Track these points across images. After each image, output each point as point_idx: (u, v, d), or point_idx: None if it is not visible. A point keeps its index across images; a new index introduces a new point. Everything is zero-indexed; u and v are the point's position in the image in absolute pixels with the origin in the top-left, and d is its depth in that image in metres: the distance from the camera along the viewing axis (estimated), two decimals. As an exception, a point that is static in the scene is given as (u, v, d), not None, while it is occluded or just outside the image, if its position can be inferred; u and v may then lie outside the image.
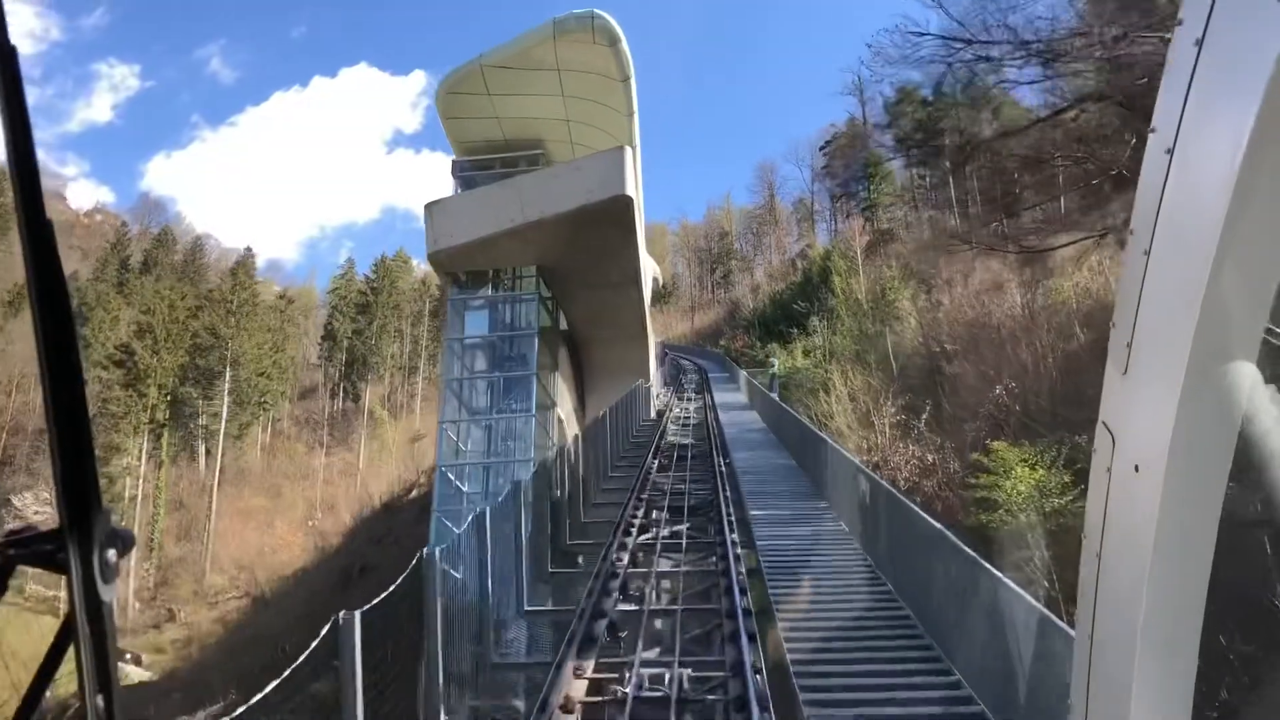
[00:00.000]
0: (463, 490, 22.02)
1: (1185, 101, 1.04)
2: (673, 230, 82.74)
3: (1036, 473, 17.07)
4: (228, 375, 61.39)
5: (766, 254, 75.72)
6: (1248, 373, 1.02)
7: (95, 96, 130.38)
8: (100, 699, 0.67)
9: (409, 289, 77.13)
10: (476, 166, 24.48)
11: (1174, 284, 1.07)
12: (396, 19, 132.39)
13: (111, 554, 0.68)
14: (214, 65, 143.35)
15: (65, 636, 0.67)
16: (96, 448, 0.69)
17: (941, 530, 6.45)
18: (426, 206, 22.28)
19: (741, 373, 36.00)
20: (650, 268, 33.87)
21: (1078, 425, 17.14)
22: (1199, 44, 1.00)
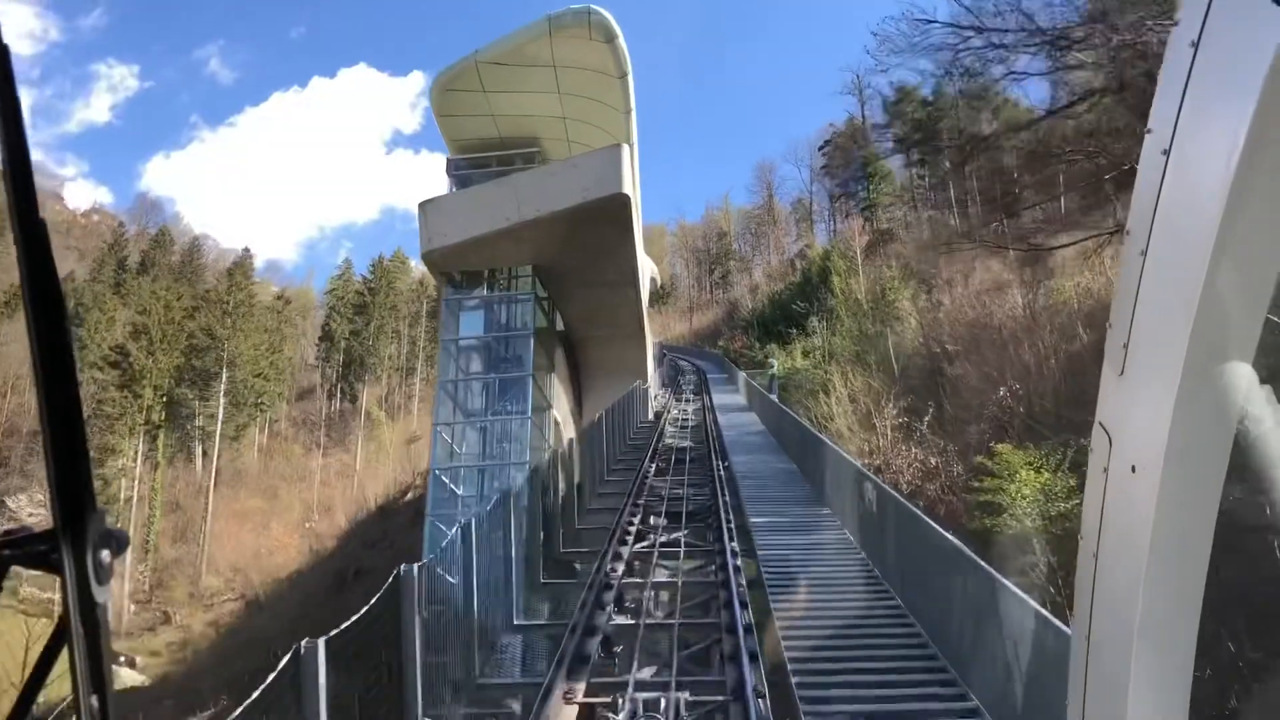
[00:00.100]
0: (457, 494, 21.67)
1: (1181, 102, 1.04)
2: (671, 231, 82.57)
3: (1041, 476, 16.71)
4: (224, 376, 61.06)
5: (765, 254, 75.48)
6: (1244, 373, 1.02)
7: (94, 97, 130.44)
8: (94, 700, 0.67)
9: (407, 290, 76.88)
10: (472, 165, 24.09)
11: (1171, 284, 1.08)
12: (395, 19, 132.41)
13: (106, 554, 0.68)
14: (213, 66, 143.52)
15: (59, 637, 0.67)
16: (91, 449, 0.69)
17: (958, 545, 6.06)
18: (421, 205, 21.92)
19: (740, 373, 35.64)
20: (648, 267, 33.54)
21: (1082, 427, 16.78)
22: (1195, 45, 1.01)
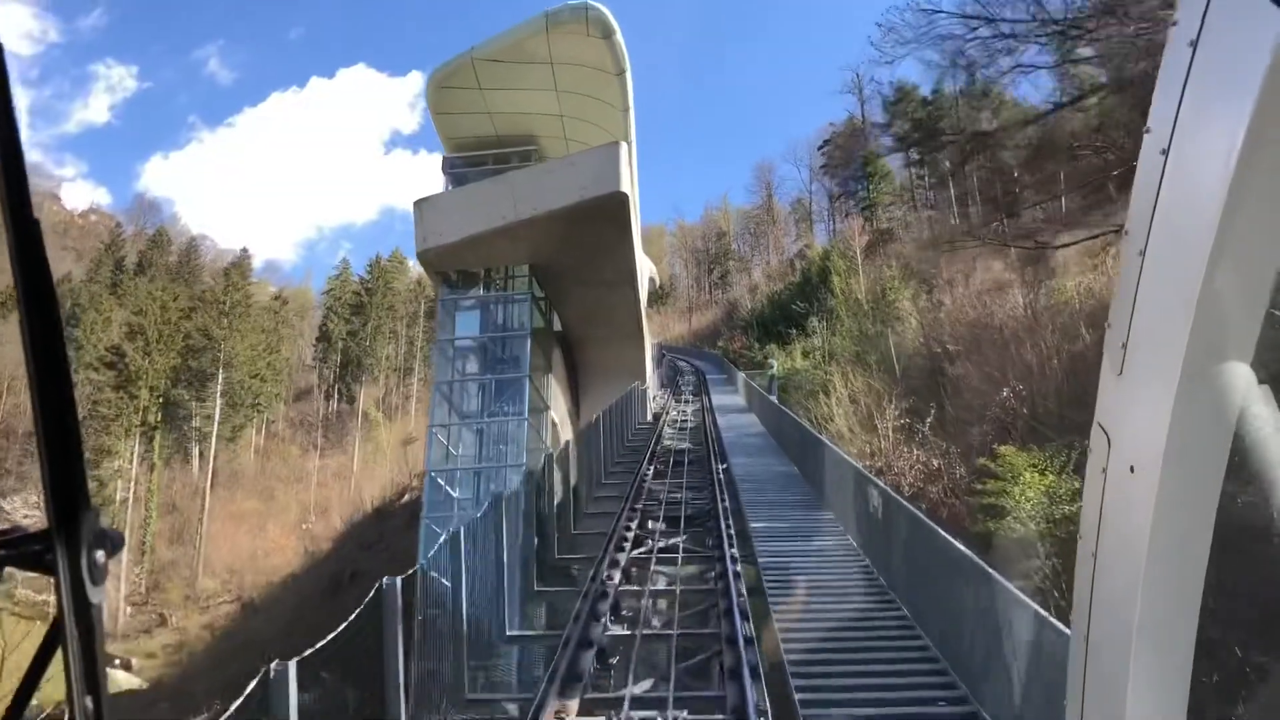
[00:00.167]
0: (453, 496, 21.41)
1: (1180, 102, 1.03)
2: (670, 231, 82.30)
3: (1046, 478, 16.45)
4: (220, 377, 60.75)
5: (764, 254, 75.23)
6: (1243, 373, 1.01)
7: (93, 98, 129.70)
8: (89, 700, 0.66)
9: (404, 290, 76.61)
10: (468, 163, 23.81)
11: (1169, 284, 1.07)
12: (394, 20, 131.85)
13: (100, 555, 0.68)
14: (212, 66, 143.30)
15: (54, 638, 0.67)
16: (87, 450, 0.74)
17: (969, 555, 5.79)
18: (416, 203, 21.64)
19: (740, 374, 35.35)
20: (647, 267, 33.28)
21: (1085, 429, 16.38)
22: (1194, 45, 0.99)
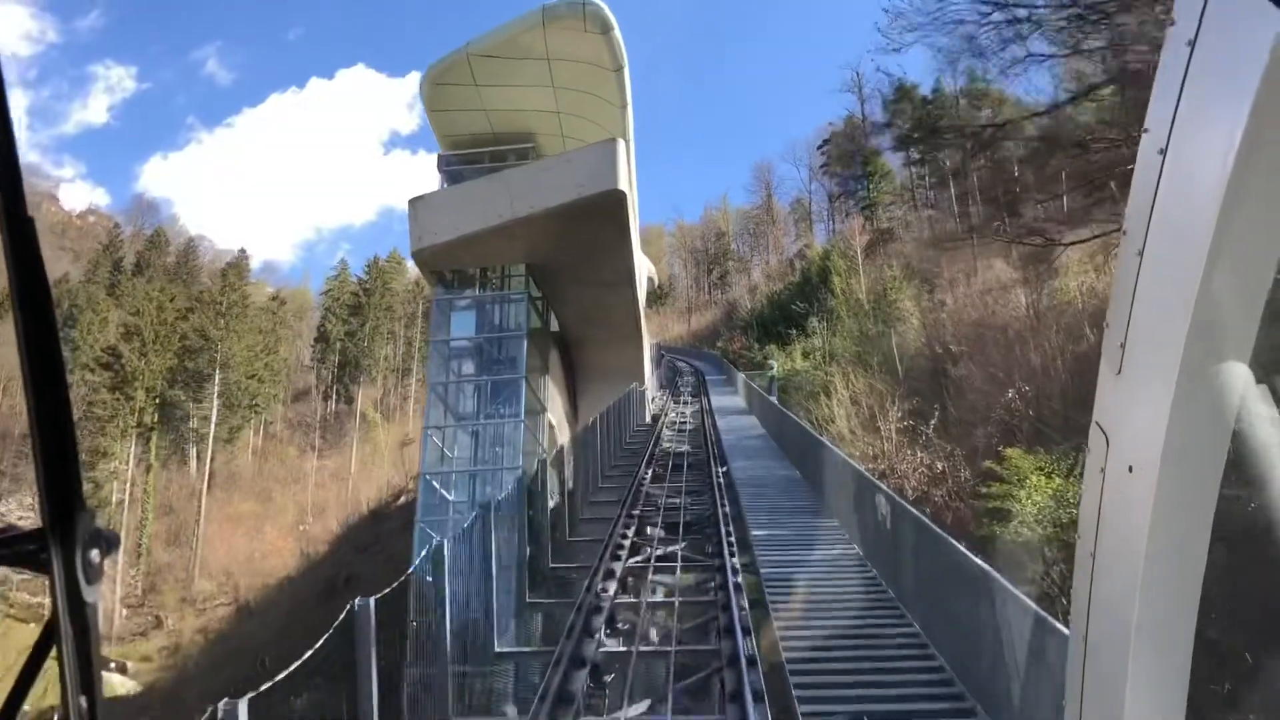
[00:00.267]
0: (449, 499, 21.05)
1: (1178, 102, 1.02)
2: (669, 231, 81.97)
3: (1053, 482, 16.10)
4: (217, 378, 60.38)
5: (764, 255, 74.89)
6: (1241, 373, 1.00)
7: (91, 98, 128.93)
8: (83, 700, 0.67)
9: (403, 290, 76.26)
10: (464, 161, 23.42)
11: (1167, 284, 1.06)
12: (394, 20, 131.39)
13: (95, 554, 0.67)
14: (210, 67, 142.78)
15: (48, 638, 0.67)
16: (82, 451, 0.70)
17: (991, 573, 5.41)
18: (410, 202, 21.24)
19: (739, 375, 34.96)
20: (645, 267, 32.92)
21: (1092, 431, 16.21)
22: (1191, 45, 0.99)
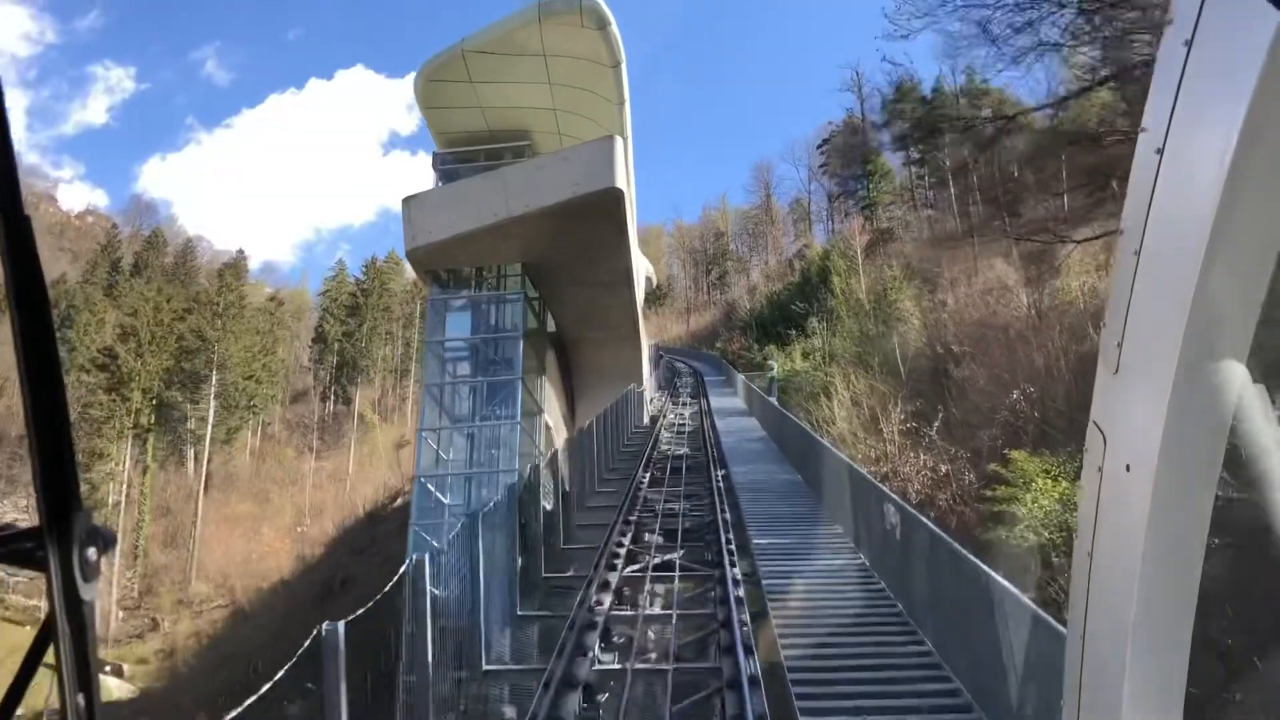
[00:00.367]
0: (444, 502, 20.70)
1: (1175, 101, 1.02)
2: (668, 231, 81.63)
3: (1059, 485, 15.76)
4: (214, 379, 60.01)
5: (763, 255, 74.54)
6: (1238, 372, 1.00)
7: (90, 99, 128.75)
8: (80, 698, 0.66)
9: (401, 291, 75.92)
10: (459, 159, 23.02)
11: (1165, 283, 1.06)
12: (393, 21, 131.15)
13: (91, 552, 0.67)
14: (209, 67, 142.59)
15: (45, 636, 0.66)
16: (79, 453, 0.70)
17: (1011, 590, 5.06)
18: (404, 200, 20.89)
19: (739, 376, 34.56)
20: (643, 266, 32.58)
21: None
22: (1189, 44, 0.99)
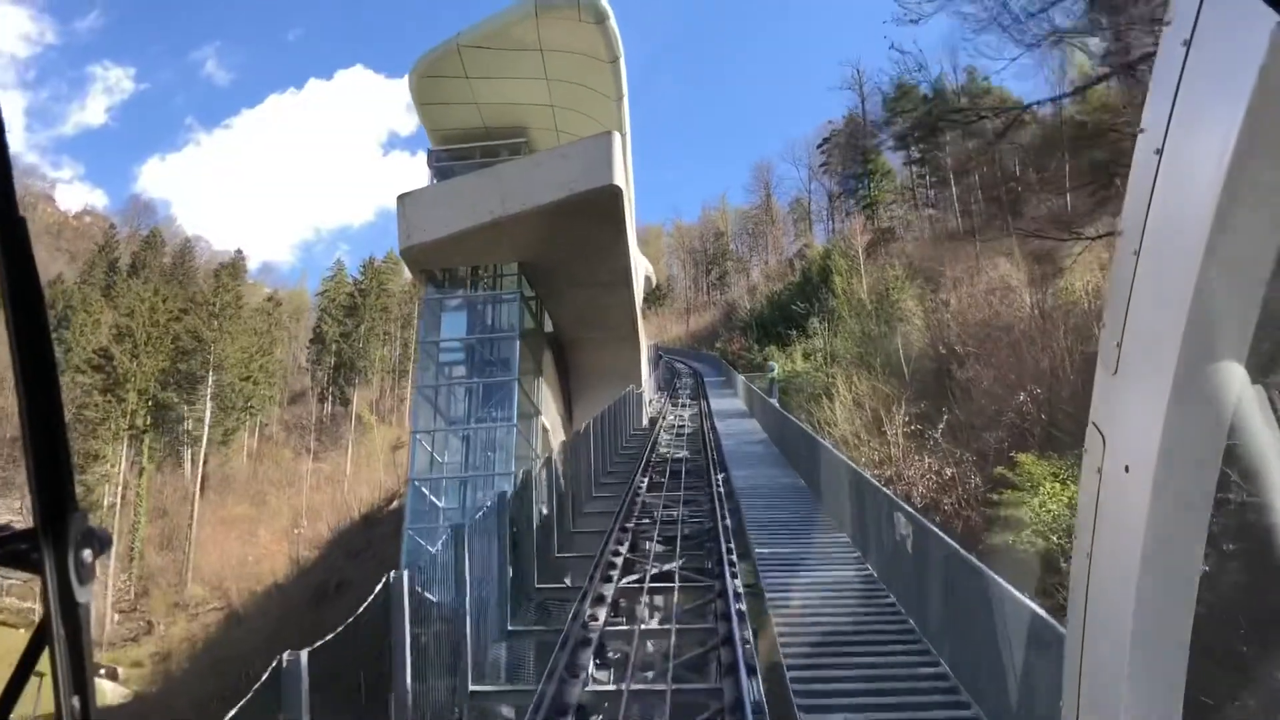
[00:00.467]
0: (439, 505, 20.34)
1: (1174, 102, 1.02)
2: (667, 231, 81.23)
3: (1068, 489, 15.38)
4: (210, 380, 59.59)
5: (763, 255, 74.10)
6: (1237, 373, 1.00)
7: (90, 99, 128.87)
8: (75, 701, 0.66)
9: (399, 291, 75.52)
10: (454, 156, 22.68)
11: (1164, 284, 1.06)
12: (393, 21, 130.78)
13: (87, 554, 0.67)
14: (209, 68, 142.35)
15: (40, 638, 0.66)
16: (74, 454, 0.68)
17: (1040, 613, 4.66)
18: (399, 198, 20.55)
19: (739, 377, 34.16)
20: (642, 266, 32.22)
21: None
22: (1187, 44, 0.98)
